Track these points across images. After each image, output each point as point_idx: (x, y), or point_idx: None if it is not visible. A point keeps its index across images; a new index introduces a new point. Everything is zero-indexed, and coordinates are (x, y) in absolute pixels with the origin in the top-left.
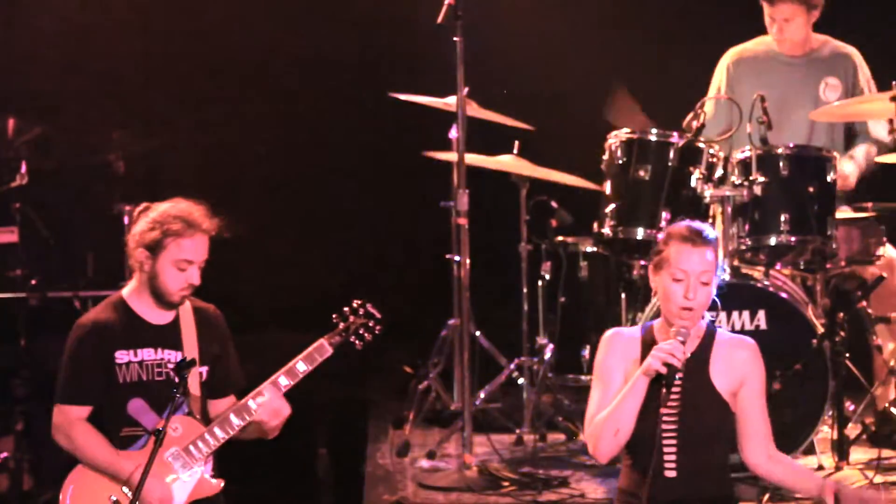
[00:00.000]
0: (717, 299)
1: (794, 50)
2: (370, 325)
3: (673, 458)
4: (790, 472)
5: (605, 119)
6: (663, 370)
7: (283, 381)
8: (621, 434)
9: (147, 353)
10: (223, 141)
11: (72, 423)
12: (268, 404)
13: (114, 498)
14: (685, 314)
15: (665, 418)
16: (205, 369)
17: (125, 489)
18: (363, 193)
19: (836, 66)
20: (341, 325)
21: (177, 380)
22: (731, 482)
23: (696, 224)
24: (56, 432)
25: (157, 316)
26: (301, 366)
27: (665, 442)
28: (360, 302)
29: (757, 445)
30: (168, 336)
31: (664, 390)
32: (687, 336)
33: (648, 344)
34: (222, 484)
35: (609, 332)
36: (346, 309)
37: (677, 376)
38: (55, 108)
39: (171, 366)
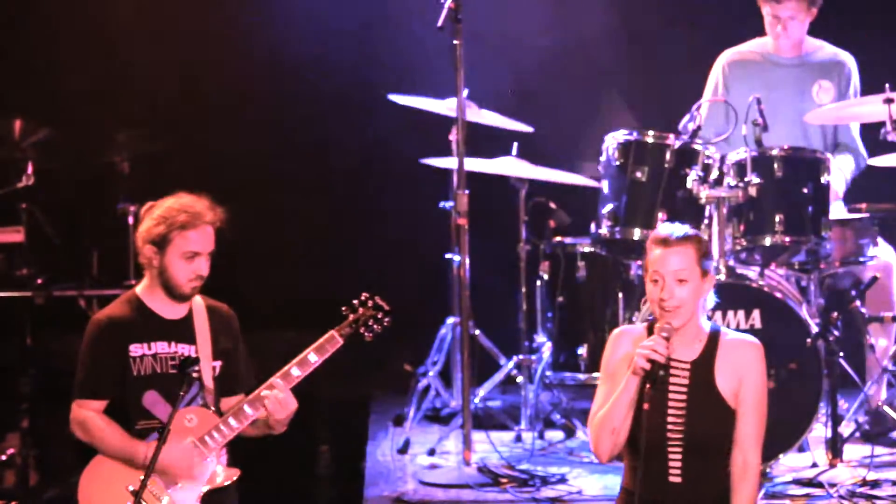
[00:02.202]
0: (716, 296)
1: (790, 52)
2: (379, 316)
3: (678, 464)
4: (736, 493)
5: (600, 125)
6: (647, 366)
7: (296, 371)
8: (617, 434)
9: (161, 347)
10: (226, 141)
11: (88, 415)
12: (276, 395)
13: (131, 488)
14: (666, 313)
15: (671, 425)
16: (218, 364)
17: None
18: (364, 194)
19: (831, 70)
20: (351, 317)
21: (184, 375)
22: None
23: (669, 226)
24: (73, 426)
25: (170, 311)
26: (313, 356)
27: (671, 449)
28: (367, 295)
29: (738, 450)
30: (181, 330)
31: (647, 386)
32: (671, 331)
33: None
34: (235, 475)
35: (616, 331)
36: (354, 301)
37: (685, 379)
38: (61, 109)
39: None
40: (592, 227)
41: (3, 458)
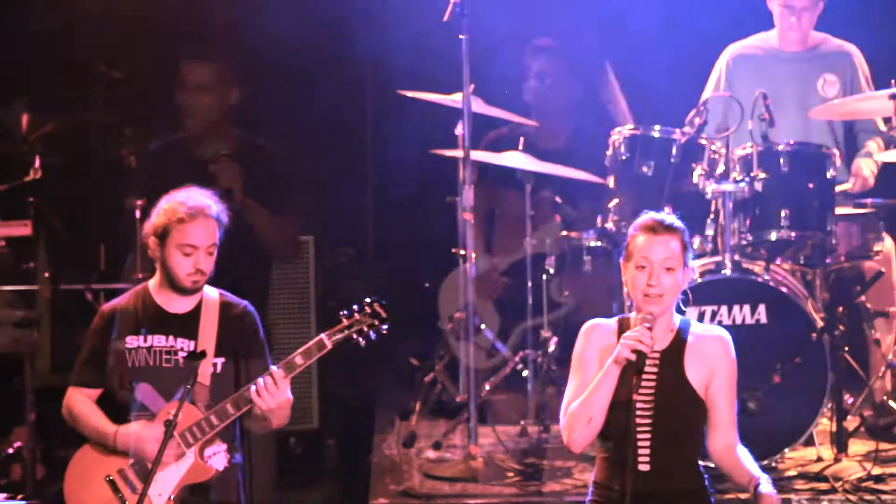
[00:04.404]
0: (688, 291)
1: (795, 46)
2: (376, 324)
3: (647, 452)
4: (735, 464)
5: None
6: (633, 357)
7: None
8: (594, 423)
9: (158, 340)
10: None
11: (75, 400)
12: (261, 384)
13: (110, 477)
14: (651, 300)
15: (639, 413)
16: (220, 361)
17: (128, 466)
18: (370, 188)
19: (835, 63)
20: (344, 322)
21: (189, 369)
22: (703, 475)
23: (660, 215)
24: (63, 411)
25: (176, 305)
26: (299, 359)
27: (639, 436)
28: (369, 300)
29: (720, 435)
30: (184, 325)
31: (635, 378)
32: (654, 321)
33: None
34: (211, 472)
35: (587, 324)
36: (354, 307)
37: (654, 368)
38: (68, 104)
39: (182, 354)
40: (598, 221)
41: (10, 451)
